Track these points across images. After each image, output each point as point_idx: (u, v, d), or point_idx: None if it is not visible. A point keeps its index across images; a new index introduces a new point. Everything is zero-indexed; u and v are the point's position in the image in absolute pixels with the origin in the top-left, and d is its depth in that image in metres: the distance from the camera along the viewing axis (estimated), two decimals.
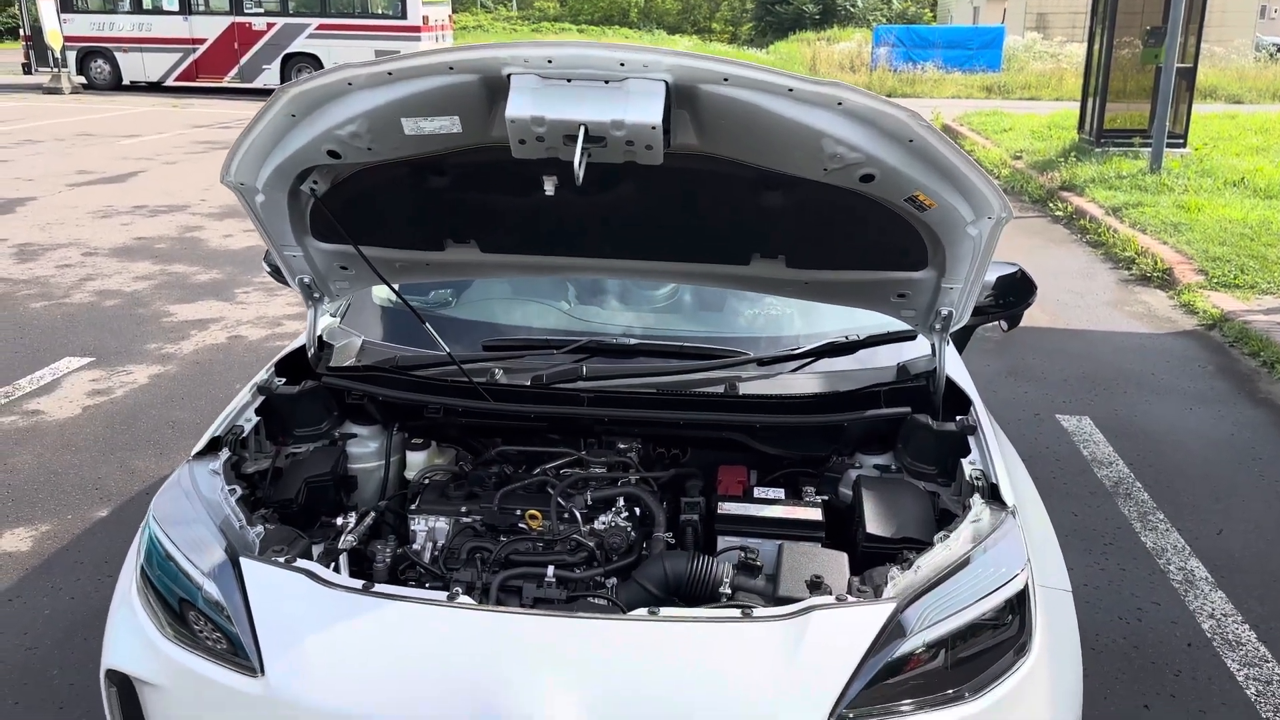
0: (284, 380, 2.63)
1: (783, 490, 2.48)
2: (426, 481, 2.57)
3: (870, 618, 1.84)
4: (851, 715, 1.75)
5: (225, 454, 2.30)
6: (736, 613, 1.85)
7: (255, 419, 2.48)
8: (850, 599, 1.92)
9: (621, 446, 2.65)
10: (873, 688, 1.78)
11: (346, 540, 2.29)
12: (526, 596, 2.13)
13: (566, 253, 2.36)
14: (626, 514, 2.37)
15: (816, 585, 2.02)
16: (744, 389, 2.59)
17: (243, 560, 1.95)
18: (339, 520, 2.38)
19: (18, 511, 4.45)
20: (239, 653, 1.84)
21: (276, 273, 2.99)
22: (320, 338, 2.80)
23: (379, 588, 1.89)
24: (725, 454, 2.66)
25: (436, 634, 1.81)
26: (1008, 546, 2.03)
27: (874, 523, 2.28)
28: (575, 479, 2.47)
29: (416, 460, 2.64)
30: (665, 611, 1.86)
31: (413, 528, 2.38)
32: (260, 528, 2.06)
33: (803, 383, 2.64)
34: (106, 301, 7.52)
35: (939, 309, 2.41)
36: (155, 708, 1.95)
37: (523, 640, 1.80)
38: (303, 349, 2.74)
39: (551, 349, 2.67)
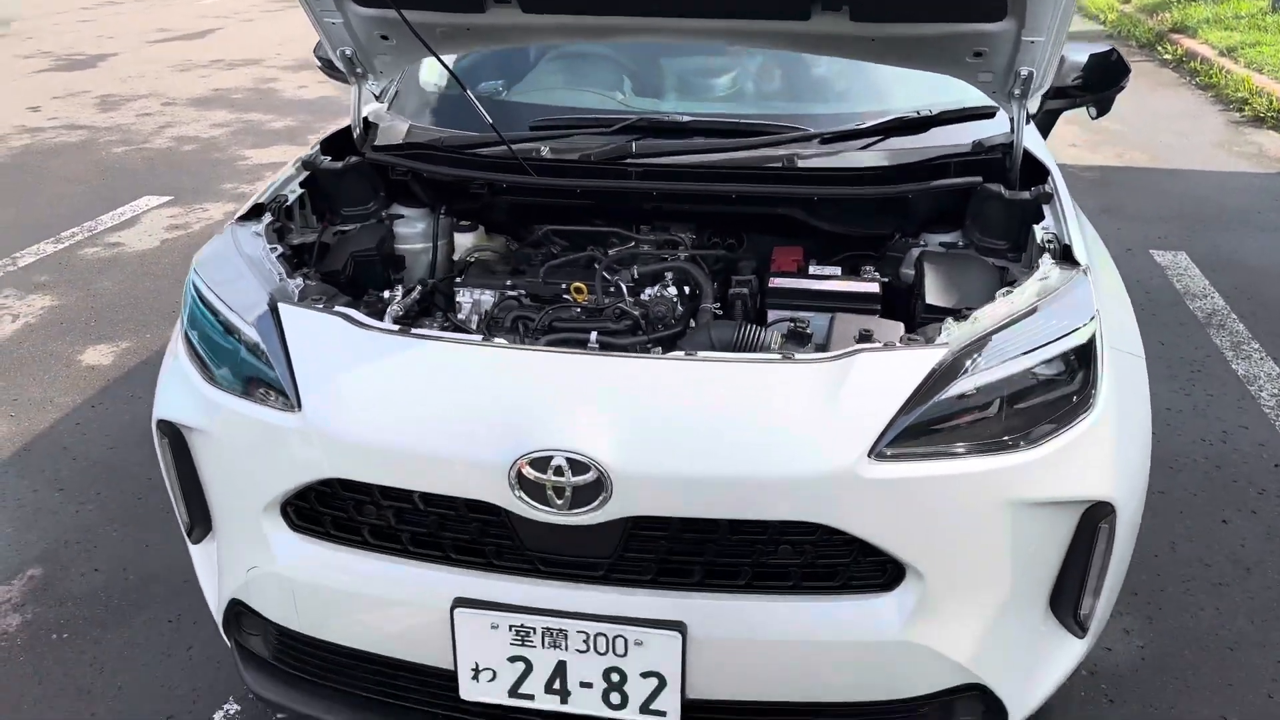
0: (329, 159, 2.58)
1: (839, 270, 2.36)
2: (474, 259, 2.51)
3: (919, 361, 1.74)
4: (892, 454, 1.67)
5: (268, 218, 2.26)
6: (777, 356, 1.77)
7: (300, 191, 2.44)
8: (899, 345, 1.82)
9: (681, 236, 2.55)
10: (918, 429, 1.70)
11: (393, 310, 2.26)
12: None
13: (613, 11, 2.22)
14: (674, 288, 2.28)
15: (866, 338, 1.93)
16: (803, 164, 2.45)
17: (281, 305, 1.93)
18: (386, 294, 2.35)
19: (100, 330, 4.59)
20: (278, 392, 1.83)
21: (328, 66, 2.90)
22: (366, 119, 2.73)
23: (416, 330, 1.86)
24: (782, 240, 2.54)
25: (470, 371, 1.77)
26: (1075, 300, 1.89)
27: (934, 294, 2.15)
28: (622, 254, 2.39)
29: (464, 243, 2.59)
30: (704, 354, 1.79)
31: (458, 299, 2.34)
32: (299, 280, 2.04)
33: (867, 158, 2.48)
34: (184, 146, 7.60)
35: (1018, 69, 2.21)
36: (203, 452, 1.98)
37: (556, 376, 1.75)
38: (348, 129, 2.68)
39: (601, 127, 2.55)
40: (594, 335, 2.10)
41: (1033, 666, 1.92)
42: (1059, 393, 1.81)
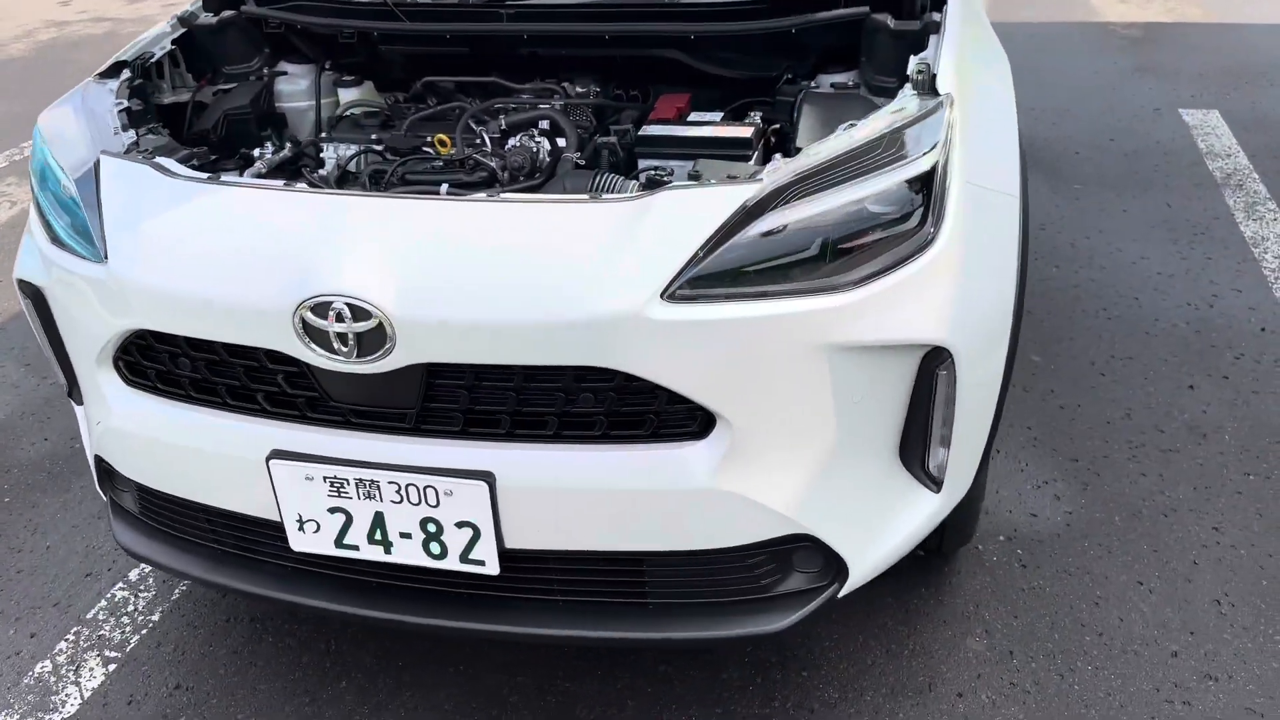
0: (211, 14, 2.51)
1: (721, 116, 2.22)
2: (348, 114, 2.44)
3: (725, 198, 1.62)
4: (688, 295, 1.58)
5: (125, 74, 2.22)
6: (584, 196, 1.67)
7: (169, 48, 2.38)
8: (712, 182, 1.70)
9: (579, 90, 2.43)
10: (723, 269, 1.59)
11: (257, 168, 2.21)
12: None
13: None
14: (546, 140, 2.18)
15: (695, 178, 1.82)
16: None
17: (101, 158, 1.90)
18: (255, 152, 2.30)
19: None
20: (91, 243, 1.81)
21: None
22: None
23: (225, 178, 1.81)
24: (684, 88, 2.40)
25: (266, 216, 1.72)
26: (922, 131, 1.74)
27: (805, 137, 2.01)
28: (492, 105, 2.28)
29: (349, 98, 2.51)
30: (507, 195, 1.70)
31: (322, 155, 2.28)
32: (132, 134, 2.00)
33: None
34: None
35: None
36: (54, 309, 1.98)
37: (347, 219, 1.69)
38: None
39: None
40: (444, 188, 2.02)
41: (878, 520, 1.84)
42: (893, 231, 1.68)
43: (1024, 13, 6.94)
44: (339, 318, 1.59)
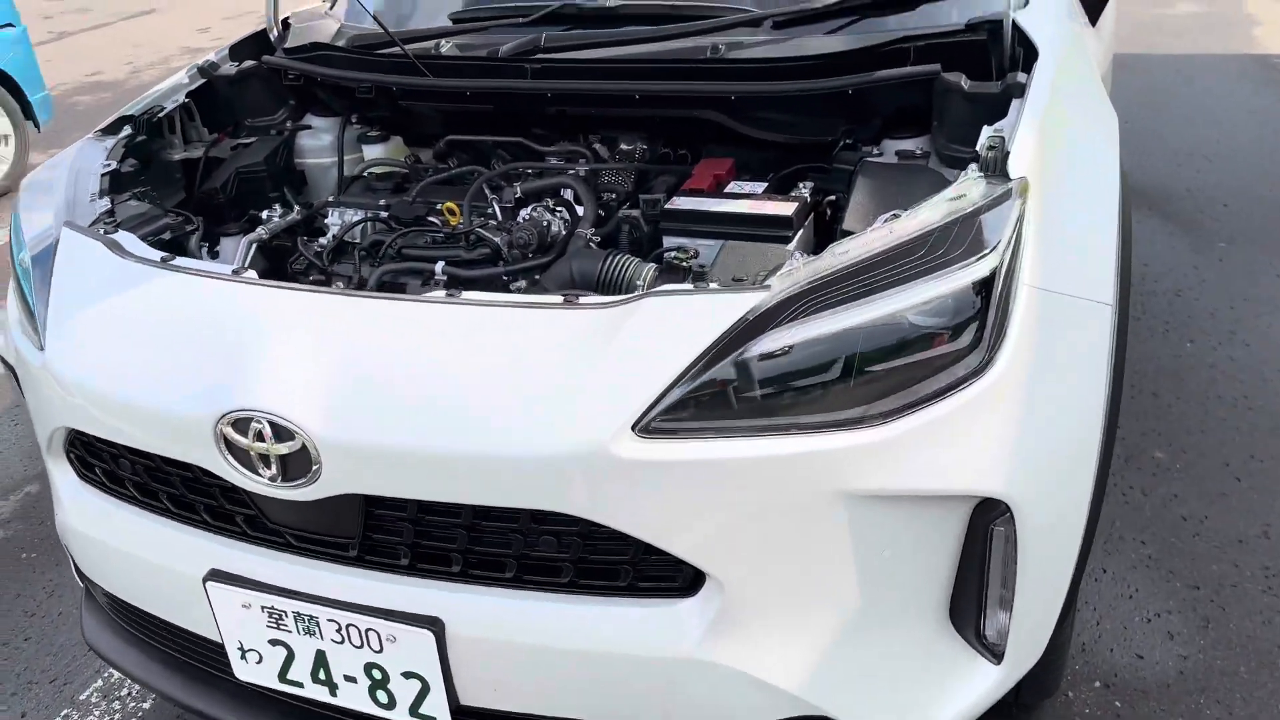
0: (236, 64, 2.36)
1: (765, 186, 1.92)
2: (365, 174, 2.24)
3: (722, 308, 1.32)
4: (666, 428, 1.29)
5: (126, 131, 2.07)
6: (558, 299, 1.40)
7: (183, 100, 2.23)
8: (712, 286, 1.40)
9: (623, 146, 2.17)
10: (710, 397, 1.30)
11: (258, 232, 2.03)
12: (411, 293, 1.80)
13: None
14: (558, 210, 1.93)
15: (701, 275, 1.52)
16: (736, 54, 2.00)
17: (64, 230, 1.74)
18: (264, 214, 2.12)
19: None
20: (35, 327, 1.65)
21: None
22: (286, 20, 2.49)
23: (178, 261, 1.61)
24: (732, 149, 2.11)
25: (202, 311, 1.52)
26: (983, 226, 1.40)
27: (854, 216, 1.69)
28: (509, 170, 2.04)
29: (373, 155, 2.32)
30: (470, 295, 1.44)
31: (327, 220, 2.08)
32: (106, 201, 1.83)
33: (825, 45, 1.99)
34: None
35: None
36: (22, 386, 1.84)
37: (280, 319, 1.46)
38: (264, 32, 2.44)
39: (519, 16, 2.19)
40: (439, 266, 1.79)
41: (921, 695, 1.50)
42: (938, 351, 1.35)
43: (1173, 42, 6.33)
44: (259, 436, 1.37)
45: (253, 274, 1.55)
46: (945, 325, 1.35)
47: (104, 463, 1.66)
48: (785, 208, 1.80)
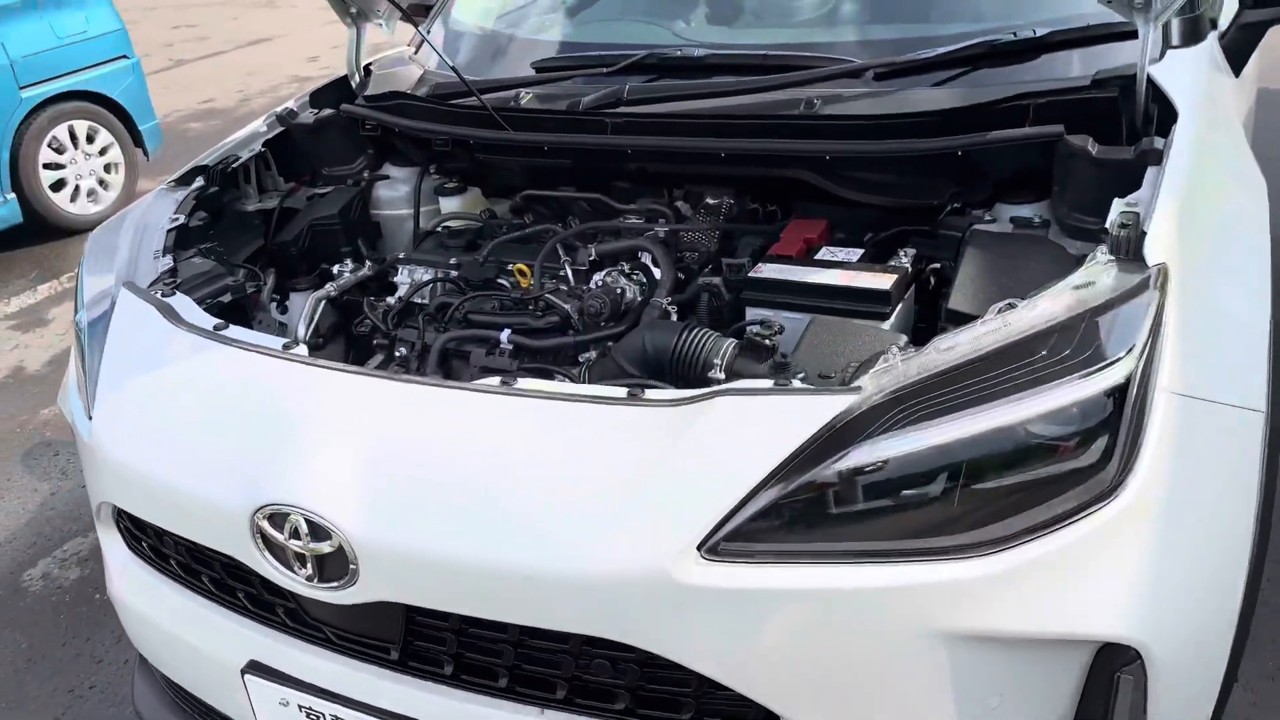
0: (315, 112, 2.30)
1: (861, 250, 1.75)
2: (438, 229, 2.14)
3: (807, 412, 1.16)
4: (736, 551, 1.13)
5: (199, 182, 2.01)
6: (621, 392, 1.26)
7: (259, 150, 2.18)
8: (795, 385, 1.23)
9: (709, 200, 2.03)
10: (787, 516, 1.14)
11: (327, 288, 1.95)
12: (473, 364, 1.68)
13: None
14: (634, 274, 1.80)
15: (782, 367, 1.36)
16: (834, 109, 1.84)
17: (122, 290, 1.67)
18: (335, 269, 2.04)
19: None
20: (88, 392, 1.59)
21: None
22: (369, 66, 2.42)
23: (230, 331, 1.53)
24: (827, 208, 1.94)
25: (249, 390, 1.42)
26: (1115, 323, 1.21)
27: (962, 294, 1.51)
28: (584, 230, 1.91)
29: (449, 207, 2.22)
30: (525, 383, 1.31)
31: (396, 279, 1.99)
32: (168, 260, 1.76)
33: (925, 101, 1.81)
34: None
35: None
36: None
37: (326, 406, 1.35)
38: (346, 79, 2.38)
39: (603, 67, 2.07)
40: (505, 334, 1.67)
41: None
42: (1060, 468, 1.17)
43: None
44: (295, 533, 1.26)
45: (302, 350, 1.45)
46: (1070, 436, 1.16)
47: (150, 538, 1.58)
48: (882, 280, 1.63)
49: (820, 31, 2.17)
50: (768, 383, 1.23)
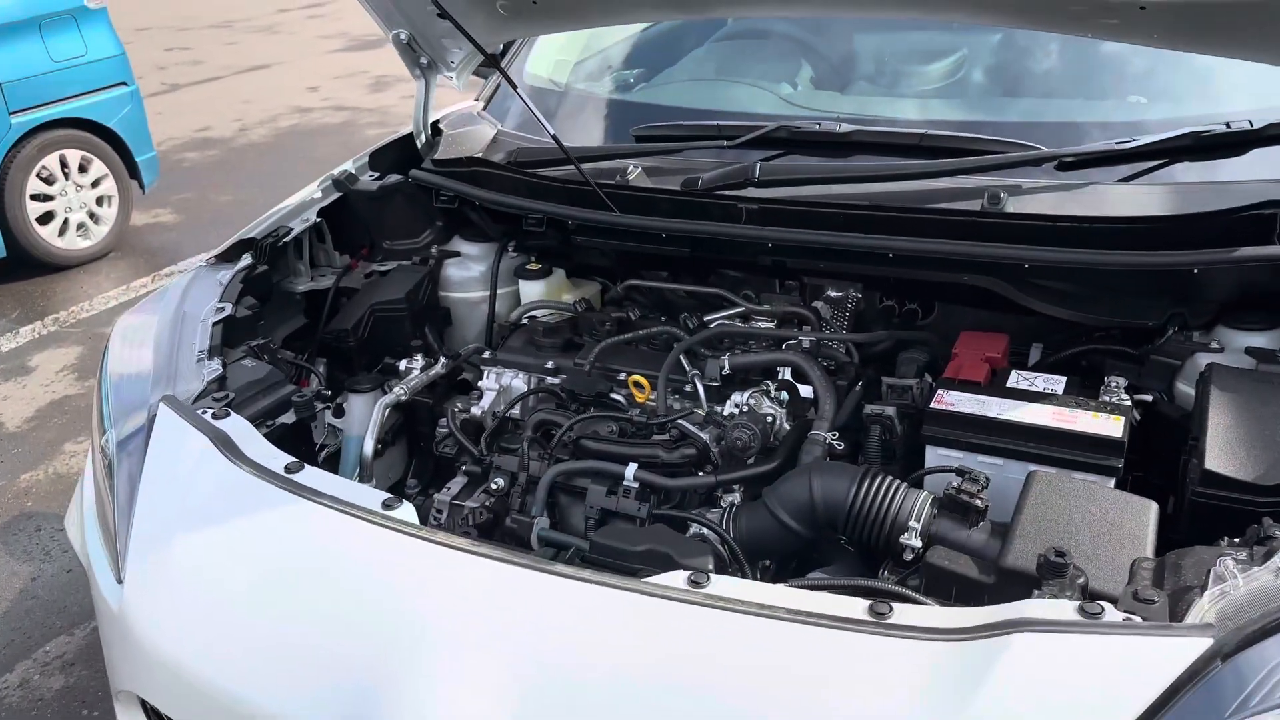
0: (377, 176, 1.98)
1: (1064, 379, 1.46)
2: (524, 321, 1.83)
3: (1145, 662, 0.86)
4: None
5: (245, 261, 1.69)
6: (860, 609, 0.94)
7: (313, 220, 1.86)
8: (1119, 617, 0.93)
9: (832, 294, 1.73)
10: None
11: (395, 392, 1.63)
12: (589, 506, 1.36)
13: None
14: (778, 394, 1.49)
15: (1058, 569, 1.05)
16: (1018, 205, 1.55)
17: (160, 406, 1.34)
18: (402, 365, 1.73)
19: None
20: (116, 545, 1.25)
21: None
22: (436, 123, 2.11)
23: (305, 474, 1.20)
24: (995, 316, 1.66)
25: (337, 568, 1.10)
26: None
27: (1220, 452, 1.22)
28: (714, 334, 1.61)
29: (532, 292, 1.91)
30: (722, 584, 0.99)
31: (481, 383, 1.67)
32: (216, 364, 1.43)
33: (1125, 199, 1.53)
34: None
35: None
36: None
37: (453, 601, 1.03)
38: (410, 137, 2.07)
39: (724, 139, 1.77)
40: (631, 470, 1.36)
41: None
42: None
43: None
44: None
45: (407, 511, 1.13)
46: None
47: None
48: (1109, 425, 1.33)
49: (973, 106, 1.89)
50: (1069, 607, 0.92)
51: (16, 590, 2.81)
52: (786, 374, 1.54)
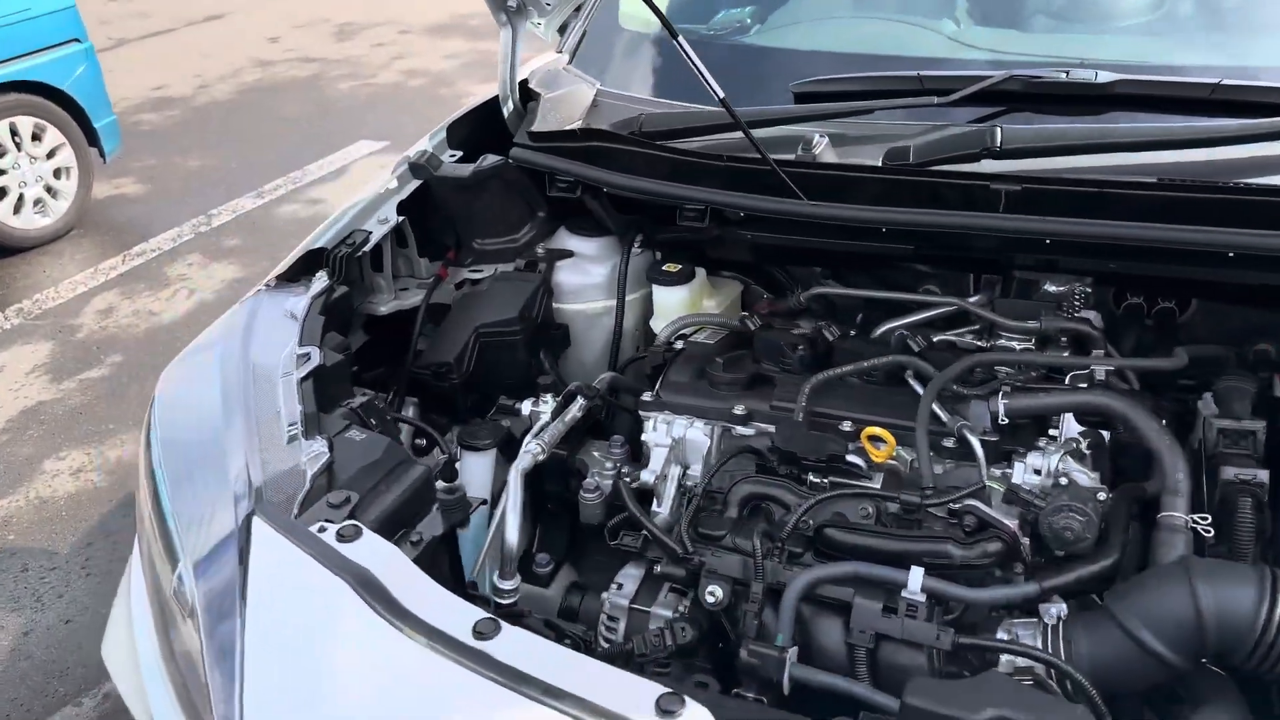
0: (458, 156, 1.55)
1: None
2: (679, 345, 1.41)
3: None
4: None
5: (320, 282, 1.26)
6: None
7: (395, 219, 1.42)
8: None
9: (1051, 289, 1.34)
10: None
11: (530, 452, 1.22)
12: (858, 630, 0.98)
13: None
14: (1087, 451, 1.10)
15: None
16: None
17: (255, 521, 0.92)
18: (526, 408, 1.32)
19: None
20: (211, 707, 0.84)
21: None
22: (524, 83, 1.67)
23: (504, 642, 0.80)
24: (1266, 315, 1.29)
25: None
26: None
27: None
28: (972, 364, 1.21)
29: (670, 302, 1.49)
30: None
31: (644, 437, 1.26)
32: (318, 443, 1.01)
33: None
34: (411, 81, 6.95)
35: None
36: None
37: None
38: (494, 103, 1.63)
39: (929, 95, 1.36)
40: (917, 578, 0.97)
41: None
42: None
43: None
44: None
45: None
46: None
47: None
48: None
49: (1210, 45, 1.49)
50: None
51: (7, 649, 2.38)
52: (1070, 421, 1.15)
